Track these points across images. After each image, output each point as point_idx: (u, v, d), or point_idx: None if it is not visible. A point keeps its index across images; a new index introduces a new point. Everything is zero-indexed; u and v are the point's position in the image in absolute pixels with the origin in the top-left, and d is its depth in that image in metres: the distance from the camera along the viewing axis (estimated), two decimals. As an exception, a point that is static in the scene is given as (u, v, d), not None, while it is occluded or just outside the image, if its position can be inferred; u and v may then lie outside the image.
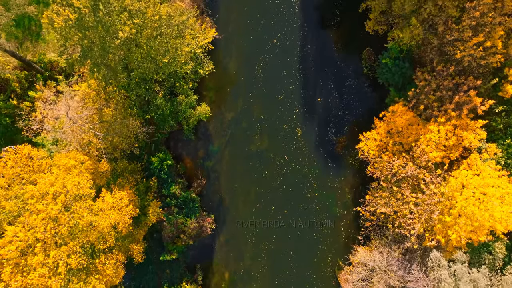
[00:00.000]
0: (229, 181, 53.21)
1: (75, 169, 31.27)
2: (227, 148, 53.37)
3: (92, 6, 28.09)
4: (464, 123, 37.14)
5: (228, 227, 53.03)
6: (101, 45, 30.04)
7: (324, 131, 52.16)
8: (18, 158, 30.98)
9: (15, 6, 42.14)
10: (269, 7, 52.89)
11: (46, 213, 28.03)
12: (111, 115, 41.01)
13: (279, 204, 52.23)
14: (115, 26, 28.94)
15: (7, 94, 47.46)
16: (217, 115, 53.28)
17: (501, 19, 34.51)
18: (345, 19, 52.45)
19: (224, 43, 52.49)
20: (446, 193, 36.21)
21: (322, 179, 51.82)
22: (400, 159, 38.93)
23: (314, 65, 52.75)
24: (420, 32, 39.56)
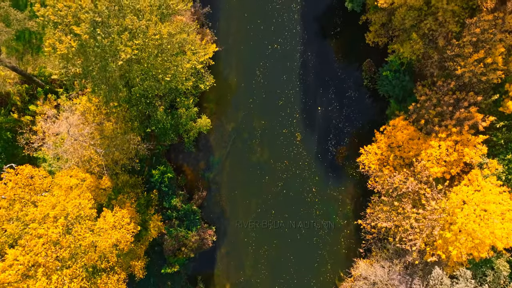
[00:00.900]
0: (230, 193, 53.22)
1: (76, 190, 31.29)
2: (228, 159, 53.40)
3: (91, 32, 28.13)
4: (465, 139, 37.14)
5: (229, 239, 53.04)
6: (102, 66, 30.07)
7: (324, 140, 52.20)
8: (19, 179, 31.00)
9: (16, 22, 42.16)
10: (269, 12, 52.92)
11: (47, 237, 28.06)
12: (112, 129, 41.05)
13: (279, 209, 52.12)
14: (116, 47, 28.97)
15: (7, 108, 47.51)
16: (218, 127, 53.32)
17: (502, 36, 34.51)
18: (345, 29, 52.45)
19: (224, 54, 52.54)
20: (447, 209, 36.21)
21: (322, 187, 51.89)
22: (401, 174, 38.92)
23: (314, 72, 52.75)
24: (421, 46, 39.57)
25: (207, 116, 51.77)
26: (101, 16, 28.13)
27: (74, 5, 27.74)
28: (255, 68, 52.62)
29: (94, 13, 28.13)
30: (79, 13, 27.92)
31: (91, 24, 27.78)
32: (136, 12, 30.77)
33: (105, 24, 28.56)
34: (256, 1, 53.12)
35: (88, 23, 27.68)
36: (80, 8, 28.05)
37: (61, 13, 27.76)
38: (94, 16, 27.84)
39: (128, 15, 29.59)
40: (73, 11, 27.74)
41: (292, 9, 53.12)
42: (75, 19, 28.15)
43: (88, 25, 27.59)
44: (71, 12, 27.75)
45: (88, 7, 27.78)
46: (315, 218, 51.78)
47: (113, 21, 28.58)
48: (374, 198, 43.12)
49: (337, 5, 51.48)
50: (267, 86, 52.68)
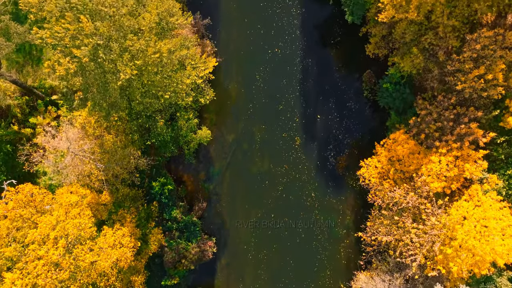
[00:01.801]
0: (230, 203, 53.20)
1: (76, 208, 31.29)
2: (228, 170, 53.37)
3: (92, 54, 28.11)
4: (465, 154, 37.11)
5: (229, 249, 53.01)
6: (102, 86, 30.04)
7: (323, 148, 52.18)
8: (19, 199, 30.97)
9: (16, 35, 42.13)
10: (269, 17, 52.85)
11: (47, 259, 28.06)
12: (112, 141, 41.03)
13: (279, 212, 52.05)
14: (116, 68, 28.94)
15: (8, 121, 47.51)
16: (218, 138, 53.31)
17: (502, 52, 34.49)
18: (345, 40, 52.37)
19: (224, 64, 52.55)
20: (447, 225, 36.17)
21: (321, 193, 51.85)
22: (401, 189, 38.88)
23: (314, 79, 52.70)
24: (421, 61, 39.54)
25: (208, 127, 51.77)
26: (102, 38, 28.11)
27: (72, 27, 27.72)
28: (255, 73, 52.57)
29: (96, 36, 28.11)
30: (79, 36, 27.90)
31: (92, 47, 27.77)
32: (136, 31, 30.77)
33: (106, 46, 28.53)
34: (256, 7, 53.03)
35: (90, 46, 27.66)
36: (80, 31, 28.02)
37: (59, 35, 27.73)
38: (96, 40, 27.82)
39: (128, 36, 29.58)
40: (72, 33, 27.72)
41: (292, 13, 53.00)
42: (76, 41, 28.11)
43: (89, 48, 27.58)
44: (69, 34, 27.72)
45: (90, 31, 27.74)
46: (314, 223, 51.75)
47: (114, 44, 28.56)
48: (375, 211, 43.08)
49: (337, 14, 51.25)
50: (267, 91, 52.65)
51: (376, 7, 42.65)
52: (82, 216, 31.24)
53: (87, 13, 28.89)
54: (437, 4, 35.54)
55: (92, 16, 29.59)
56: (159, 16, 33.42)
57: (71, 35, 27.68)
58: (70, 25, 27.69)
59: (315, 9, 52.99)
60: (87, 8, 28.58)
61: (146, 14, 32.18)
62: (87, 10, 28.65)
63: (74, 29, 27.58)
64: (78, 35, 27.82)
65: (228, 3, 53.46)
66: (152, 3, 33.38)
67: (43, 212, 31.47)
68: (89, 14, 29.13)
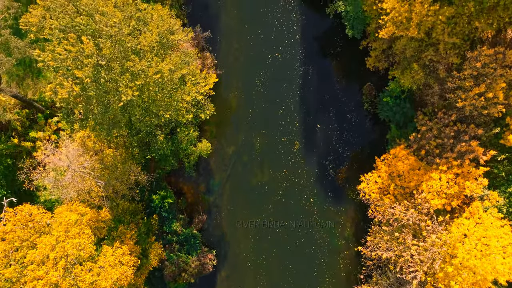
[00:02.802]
0: (230, 216, 53.14)
1: (76, 227, 31.22)
2: (228, 182, 53.32)
3: (94, 75, 28.07)
4: (466, 171, 37.05)
5: (229, 262, 52.92)
6: (103, 107, 30.00)
7: (323, 159, 52.15)
8: (18, 220, 30.87)
9: (16, 50, 42.10)
10: (270, 22, 52.83)
11: (47, 279, 27.99)
12: (112, 156, 40.97)
13: (279, 216, 52.06)
14: (117, 90, 28.91)
15: (8, 134, 47.46)
16: (218, 150, 53.28)
17: (503, 71, 34.47)
18: (346, 51, 52.29)
19: (224, 76, 52.53)
20: (447, 243, 36.09)
21: (320, 200, 51.87)
22: (401, 205, 38.82)
23: (314, 85, 52.63)
24: (421, 77, 39.54)
25: (208, 139, 51.73)
26: (104, 59, 28.08)
27: (74, 49, 27.70)
28: (255, 78, 52.52)
29: (98, 57, 28.08)
30: (81, 57, 27.87)
31: (94, 68, 27.72)
32: (137, 51, 30.75)
33: (108, 67, 28.48)
34: (256, 13, 52.99)
35: (92, 67, 27.62)
36: (82, 52, 27.99)
37: (60, 57, 27.70)
38: (98, 60, 27.79)
39: (130, 56, 29.56)
40: (74, 55, 27.69)
41: (292, 18, 52.95)
42: (77, 62, 28.09)
43: (91, 69, 27.53)
44: (71, 56, 27.69)
45: (91, 52, 27.71)
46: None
47: (115, 64, 28.54)
48: (375, 226, 43.01)
49: (337, 24, 51.05)
50: (267, 96, 52.66)
51: (376, 23, 42.63)
52: (81, 235, 31.18)
53: (90, 33, 28.89)
54: (438, 22, 35.54)
55: (94, 36, 29.58)
56: (160, 35, 33.43)
57: (73, 57, 27.65)
58: (73, 47, 27.68)
59: (315, 18, 52.93)
60: (90, 28, 28.57)
61: (147, 33, 32.17)
62: (89, 30, 28.65)
63: (76, 51, 27.55)
64: (79, 56, 27.79)
65: (228, 11, 53.42)
66: (153, 22, 33.40)
67: (42, 232, 31.40)
68: (91, 34, 29.12)
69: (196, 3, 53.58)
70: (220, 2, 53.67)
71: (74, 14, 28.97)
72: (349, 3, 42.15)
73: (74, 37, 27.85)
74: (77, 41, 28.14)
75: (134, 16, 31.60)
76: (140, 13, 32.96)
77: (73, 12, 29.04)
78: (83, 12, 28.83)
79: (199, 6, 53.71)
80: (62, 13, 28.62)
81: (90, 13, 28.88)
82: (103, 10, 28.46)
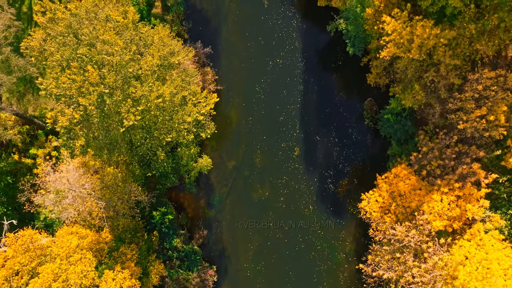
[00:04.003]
0: (230, 231, 53.08)
1: (77, 253, 31.16)
2: (229, 197, 53.28)
3: (98, 102, 28.05)
4: (467, 193, 37.00)
5: (230, 277, 52.84)
6: (105, 134, 29.98)
7: (323, 176, 52.09)
8: (19, 245, 30.79)
9: (17, 68, 42.10)
10: (270, 29, 52.77)
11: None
12: (112, 173, 40.92)
13: (279, 219, 52.09)
14: (119, 115, 28.87)
15: (8, 151, 47.42)
16: (219, 165, 53.21)
17: (504, 94, 34.44)
18: (346, 66, 52.12)
19: (225, 91, 52.51)
20: (448, 265, 36.05)
21: (320, 211, 51.88)
22: (402, 226, 38.77)
23: (315, 93, 52.42)
24: (423, 97, 39.50)
25: (208, 154, 51.73)
26: (108, 87, 28.04)
27: (79, 78, 27.68)
28: (256, 84, 52.45)
29: (102, 85, 28.04)
30: (86, 85, 27.82)
31: (99, 96, 27.70)
32: (138, 76, 30.73)
33: (111, 94, 28.43)
34: (257, 20, 52.95)
35: (96, 95, 27.60)
36: (85, 80, 27.96)
37: (64, 85, 27.68)
38: (102, 88, 27.75)
39: (132, 82, 29.54)
40: (79, 84, 27.67)
41: (292, 25, 52.89)
42: (82, 90, 28.03)
43: (96, 97, 27.52)
44: (75, 86, 27.68)
45: (95, 80, 27.67)
46: (313, 234, 51.65)
47: (117, 91, 28.50)
48: (376, 245, 42.94)
49: (338, 37, 50.92)
50: (267, 102, 52.50)
51: (377, 40, 42.59)
52: (83, 261, 31.11)
53: (94, 63, 28.87)
54: (439, 45, 35.53)
55: (98, 65, 29.57)
56: (161, 58, 33.40)
57: (77, 86, 27.64)
58: (77, 76, 27.67)
59: (315, 30, 52.83)
60: (92, 59, 28.54)
61: (148, 57, 32.14)
62: (93, 60, 28.62)
63: (80, 80, 27.55)
64: (84, 84, 27.77)
65: (228, 21, 53.21)
66: (154, 46, 33.36)
67: (43, 255, 31.34)
68: (95, 63, 29.10)
69: (197, 18, 53.56)
70: (221, 10, 53.52)
71: (75, 45, 28.95)
72: (350, 23, 42.13)
73: (77, 66, 27.83)
74: (79, 70, 28.12)
75: (135, 39, 31.56)
76: (141, 35, 32.92)
77: (74, 43, 29.03)
78: (84, 41, 28.82)
79: (200, 20, 53.68)
80: (63, 45, 28.62)
81: (92, 42, 28.87)
82: (104, 38, 28.44)
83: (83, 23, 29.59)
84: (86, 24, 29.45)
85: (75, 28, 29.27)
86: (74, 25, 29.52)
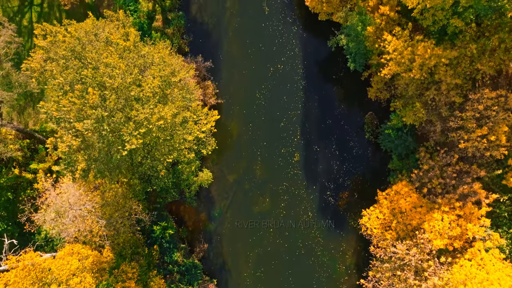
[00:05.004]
0: (231, 244, 53.05)
1: (76, 278, 31.12)
2: (229, 210, 53.24)
3: (95, 127, 27.98)
4: (468, 212, 36.99)
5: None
6: (106, 158, 29.93)
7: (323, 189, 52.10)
8: (20, 271, 30.70)
9: (17, 84, 42.05)
10: (271, 35, 52.75)
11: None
12: (113, 188, 40.86)
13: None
14: (121, 139, 28.82)
15: (9, 166, 47.36)
16: (220, 178, 53.18)
17: (505, 115, 34.44)
18: (347, 78, 52.05)
19: (226, 104, 52.49)
20: (449, 284, 36.03)
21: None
22: (403, 245, 38.75)
23: (315, 100, 52.37)
24: (424, 115, 39.50)
25: (209, 167, 51.70)
26: (107, 110, 28.01)
27: (78, 101, 27.62)
28: (256, 91, 52.44)
29: (101, 108, 27.99)
30: (85, 108, 27.76)
31: (96, 120, 27.67)
32: (139, 98, 30.67)
33: (110, 117, 28.36)
34: (258, 27, 52.89)
35: (93, 119, 27.56)
36: (85, 103, 27.90)
37: (64, 109, 27.64)
38: (101, 111, 27.71)
39: (133, 104, 29.48)
40: (78, 107, 27.61)
41: (293, 30, 52.80)
42: (81, 113, 27.98)
43: (92, 121, 27.47)
44: (75, 109, 27.63)
45: (95, 103, 27.64)
46: (312, 239, 51.66)
47: (119, 114, 28.46)
48: (377, 262, 42.91)
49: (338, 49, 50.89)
50: (268, 108, 52.45)
51: (378, 56, 42.56)
52: (82, 284, 31.05)
53: (96, 85, 28.82)
54: (440, 64, 35.53)
55: (99, 88, 29.52)
56: (162, 79, 33.36)
57: (77, 109, 27.58)
58: (77, 99, 27.62)
59: (316, 43, 52.79)
60: (95, 81, 28.51)
61: (149, 78, 32.10)
62: (95, 82, 28.59)
63: (80, 103, 27.49)
64: (83, 107, 27.72)
65: (229, 31, 53.14)
66: (155, 66, 33.31)
67: (45, 277, 31.30)
68: (97, 85, 29.06)
69: (197, 30, 53.53)
70: (221, 23, 53.44)
71: (79, 69, 28.90)
72: (351, 40, 42.11)
73: (81, 88, 27.79)
74: (82, 92, 28.07)
75: (137, 63, 31.53)
76: (143, 58, 32.87)
77: (78, 67, 28.98)
78: (89, 66, 28.78)
79: (200, 33, 53.64)
80: (66, 68, 28.58)
81: (96, 65, 28.83)
82: (107, 61, 28.40)
83: (86, 47, 29.58)
84: (89, 48, 29.44)
85: (78, 51, 29.24)
86: (77, 49, 29.51)
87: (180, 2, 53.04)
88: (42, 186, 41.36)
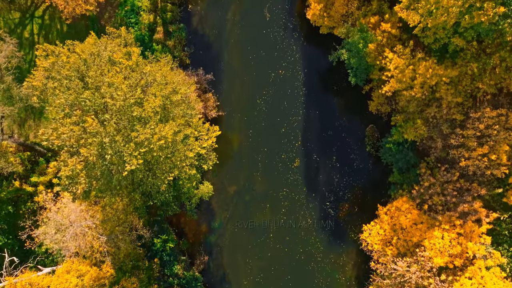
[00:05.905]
0: (231, 255, 53.03)
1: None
2: (230, 222, 53.23)
3: (99, 152, 27.97)
4: (468, 230, 37.01)
5: (231, 302, 52.84)
6: (107, 179, 29.93)
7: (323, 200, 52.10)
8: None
9: (18, 98, 42.02)
10: (272, 41, 52.75)
11: None
12: (113, 202, 40.81)
13: (280, 232, 52.25)
14: (122, 159, 28.81)
15: (9, 180, 47.34)
16: (220, 190, 53.16)
17: (506, 134, 34.47)
18: (348, 89, 51.95)
19: (226, 115, 52.48)
20: (450, 303, 36.07)
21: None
22: (403, 262, 38.75)
23: (316, 107, 52.36)
24: (425, 132, 39.54)
25: (209, 179, 51.67)
26: (108, 136, 28.02)
27: (76, 128, 27.62)
28: (257, 96, 52.49)
29: (102, 135, 27.97)
30: (84, 135, 27.78)
31: (99, 146, 27.66)
32: (140, 117, 30.68)
33: (112, 141, 28.35)
34: (258, 34, 52.88)
35: (96, 145, 27.56)
36: (84, 131, 27.91)
37: (64, 135, 27.63)
38: (103, 138, 27.71)
39: (135, 125, 29.47)
40: (77, 134, 27.61)
41: (294, 36, 52.78)
42: (81, 141, 27.98)
43: (96, 147, 27.47)
44: (74, 136, 27.61)
45: (95, 130, 27.63)
46: (312, 245, 51.68)
47: (119, 137, 28.46)
48: (377, 278, 42.92)
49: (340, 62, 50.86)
50: (269, 114, 52.45)
51: (379, 73, 42.59)
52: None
53: (96, 107, 28.80)
54: (442, 83, 35.60)
55: (100, 108, 29.50)
56: (164, 98, 33.35)
57: (76, 136, 27.58)
58: (75, 127, 27.60)
59: (317, 54, 52.75)
60: (96, 103, 28.52)
61: (150, 97, 32.08)
62: (96, 104, 28.58)
63: (78, 130, 27.48)
64: (82, 135, 27.72)
65: (230, 42, 53.12)
66: (157, 85, 33.29)
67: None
68: (98, 108, 29.04)
69: (198, 42, 53.52)
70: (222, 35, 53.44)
71: (81, 90, 28.90)
72: (353, 55, 42.16)
73: (80, 114, 27.80)
74: (81, 119, 28.07)
75: (140, 83, 31.53)
76: (145, 77, 32.87)
77: (80, 88, 28.98)
78: (91, 85, 28.78)
79: (201, 45, 53.62)
80: (68, 89, 28.57)
81: (97, 85, 28.83)
82: (112, 81, 28.36)
83: (91, 67, 29.59)
84: (93, 68, 29.43)
85: (82, 71, 29.26)
86: (82, 69, 29.54)
87: (181, 14, 53.07)
88: (43, 200, 41.34)
